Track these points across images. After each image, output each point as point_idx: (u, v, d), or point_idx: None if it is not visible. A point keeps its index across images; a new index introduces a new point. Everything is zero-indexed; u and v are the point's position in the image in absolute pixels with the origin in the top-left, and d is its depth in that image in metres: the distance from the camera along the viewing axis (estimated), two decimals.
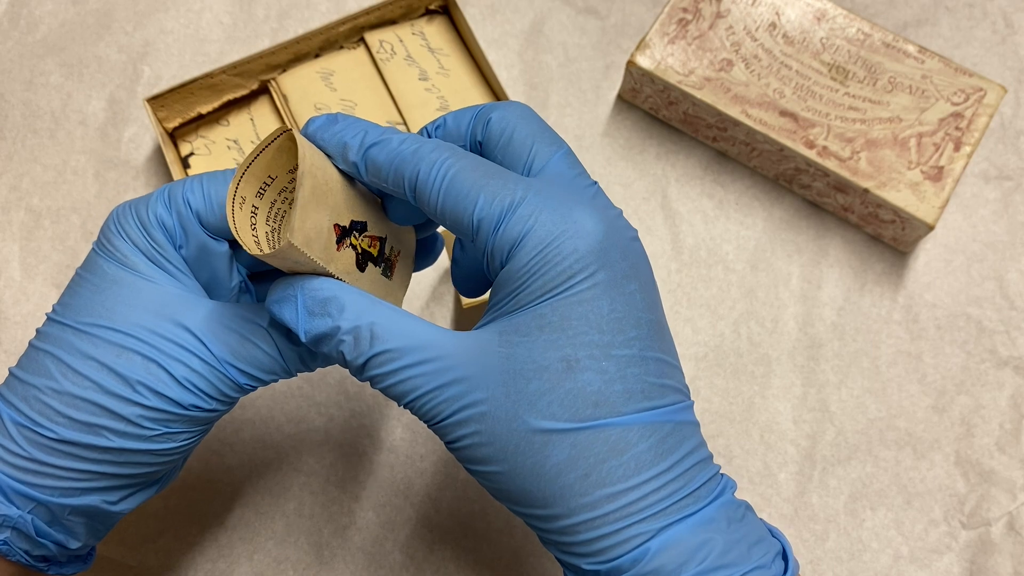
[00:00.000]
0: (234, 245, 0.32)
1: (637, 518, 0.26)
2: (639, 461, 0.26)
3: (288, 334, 0.30)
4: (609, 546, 0.26)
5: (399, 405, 0.29)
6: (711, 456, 0.29)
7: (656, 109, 0.50)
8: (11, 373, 0.30)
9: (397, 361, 0.27)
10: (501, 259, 0.27)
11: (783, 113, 0.46)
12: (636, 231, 0.29)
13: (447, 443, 0.29)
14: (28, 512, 0.29)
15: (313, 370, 0.32)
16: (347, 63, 0.50)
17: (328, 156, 0.30)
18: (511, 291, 0.27)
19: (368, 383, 0.29)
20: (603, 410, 0.26)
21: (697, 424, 0.29)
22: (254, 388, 0.30)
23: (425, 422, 0.29)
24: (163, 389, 0.29)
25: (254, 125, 0.49)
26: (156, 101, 0.46)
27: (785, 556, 0.28)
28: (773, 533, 0.29)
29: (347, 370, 0.30)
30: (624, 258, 0.27)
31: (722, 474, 0.29)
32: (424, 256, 0.35)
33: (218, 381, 0.29)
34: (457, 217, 0.27)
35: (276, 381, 0.31)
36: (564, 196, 0.27)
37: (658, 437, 0.27)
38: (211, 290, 0.32)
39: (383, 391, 0.28)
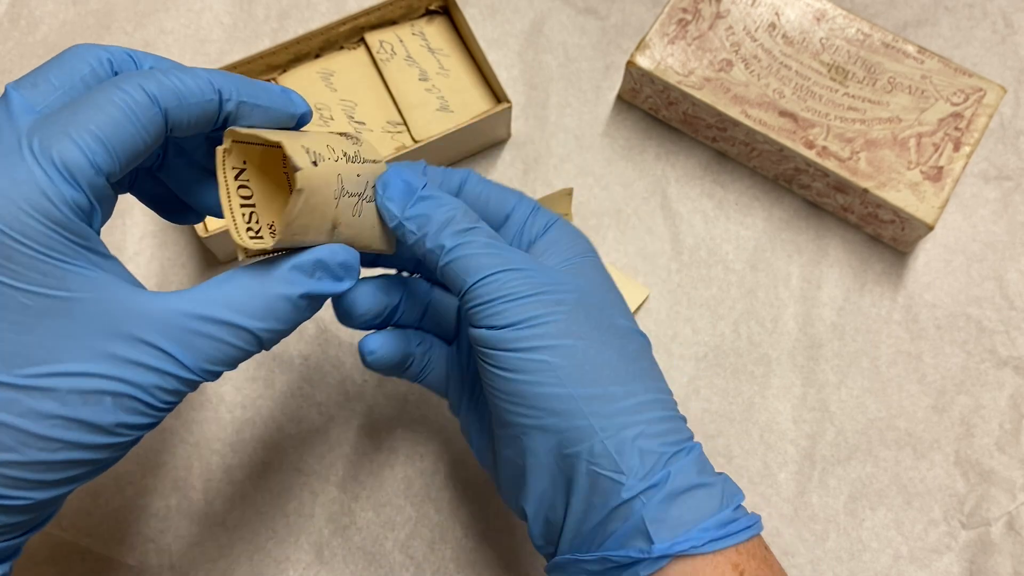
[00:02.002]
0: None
1: (679, 415, 0.32)
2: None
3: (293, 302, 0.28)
4: (668, 429, 0.31)
5: (467, 281, 0.30)
6: None
7: (656, 109, 0.50)
8: None
9: (491, 238, 0.31)
10: (539, 231, 0.34)
11: (783, 113, 0.46)
12: None
13: (517, 323, 0.30)
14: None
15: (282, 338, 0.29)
16: (347, 63, 0.50)
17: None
18: (559, 247, 0.34)
19: (437, 252, 0.31)
20: None
21: None
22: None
23: (491, 301, 0.30)
24: (143, 419, 0.26)
25: None
26: None
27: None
28: None
29: (419, 253, 0.31)
30: None
31: None
32: None
33: (193, 384, 0.27)
34: (501, 204, 0.35)
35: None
36: None
37: None
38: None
39: (457, 261, 0.30)
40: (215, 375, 0.27)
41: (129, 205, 0.48)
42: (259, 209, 0.29)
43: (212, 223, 0.45)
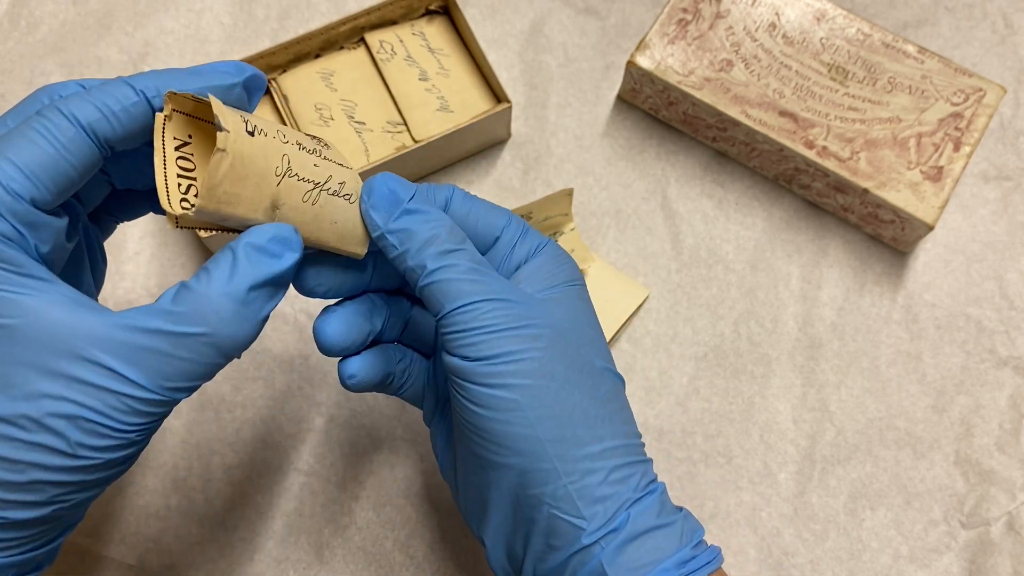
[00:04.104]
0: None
1: (645, 457, 0.32)
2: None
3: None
4: (632, 474, 0.30)
5: (444, 307, 0.29)
6: None
7: (656, 109, 0.50)
8: None
9: (475, 262, 0.30)
10: (528, 254, 0.33)
11: (783, 113, 0.46)
12: None
13: (491, 356, 0.29)
14: None
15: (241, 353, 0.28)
16: (347, 63, 0.50)
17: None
18: (544, 274, 0.32)
19: (417, 271, 0.30)
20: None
21: None
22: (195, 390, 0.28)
23: (467, 331, 0.29)
24: (108, 441, 0.25)
25: None
26: None
27: None
28: None
29: (402, 265, 0.30)
30: None
31: None
32: None
33: (159, 404, 0.26)
34: (489, 225, 0.33)
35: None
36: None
37: None
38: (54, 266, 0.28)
39: (437, 284, 0.29)
40: (185, 391, 0.26)
41: None
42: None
43: None
